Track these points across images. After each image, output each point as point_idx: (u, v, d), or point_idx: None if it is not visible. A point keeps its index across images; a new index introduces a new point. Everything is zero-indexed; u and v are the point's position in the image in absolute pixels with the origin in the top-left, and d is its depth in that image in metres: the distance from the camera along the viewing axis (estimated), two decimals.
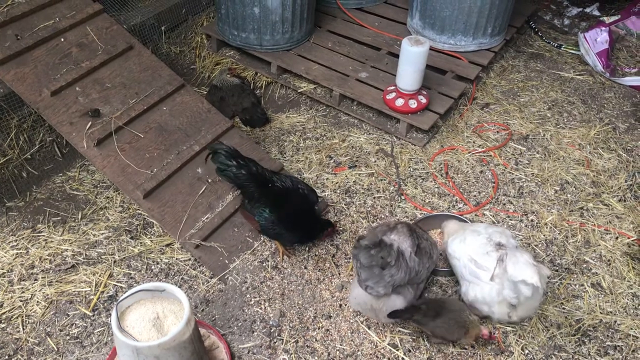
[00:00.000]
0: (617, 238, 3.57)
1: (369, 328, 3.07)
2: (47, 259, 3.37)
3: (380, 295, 2.76)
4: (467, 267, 2.96)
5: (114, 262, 3.38)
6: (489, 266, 2.87)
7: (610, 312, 3.18)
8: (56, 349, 2.95)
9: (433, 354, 2.96)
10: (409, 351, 2.97)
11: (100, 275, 3.29)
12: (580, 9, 5.77)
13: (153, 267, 3.36)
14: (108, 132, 3.46)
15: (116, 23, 4.00)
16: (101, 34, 3.86)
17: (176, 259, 3.40)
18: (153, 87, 3.78)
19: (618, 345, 3.03)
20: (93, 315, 3.11)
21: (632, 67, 5.09)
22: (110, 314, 3.06)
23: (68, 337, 3.01)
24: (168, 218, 3.36)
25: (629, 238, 3.56)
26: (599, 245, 3.54)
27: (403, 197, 3.82)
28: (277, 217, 3.20)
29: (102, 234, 3.53)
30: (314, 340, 3.02)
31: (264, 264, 3.37)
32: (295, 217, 3.26)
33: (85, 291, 3.21)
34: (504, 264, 2.80)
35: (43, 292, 3.19)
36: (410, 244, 2.80)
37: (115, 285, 3.26)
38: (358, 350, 2.97)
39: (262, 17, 4.58)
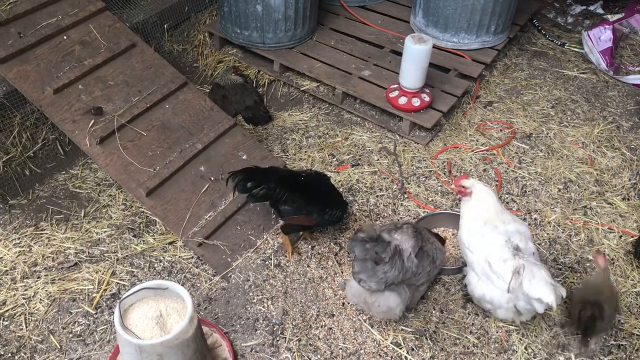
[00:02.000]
0: (620, 237, 3.56)
1: (371, 326, 3.06)
2: (49, 256, 3.37)
3: (373, 290, 2.75)
4: (481, 265, 2.88)
5: (117, 260, 3.37)
6: (503, 274, 2.78)
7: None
8: (59, 347, 2.95)
9: (436, 352, 2.96)
10: (412, 350, 2.97)
11: (103, 273, 3.29)
12: (584, 7, 5.75)
13: (156, 265, 3.36)
14: (111, 130, 3.46)
15: (119, 21, 4.00)
16: (104, 31, 3.86)
17: (179, 257, 3.40)
18: (156, 85, 3.78)
19: (622, 344, 3.02)
20: (96, 313, 3.11)
21: (636, 65, 5.07)
22: (113, 312, 3.06)
23: (71, 335, 3.01)
24: (171, 216, 3.36)
25: (632, 237, 3.55)
26: (603, 244, 3.52)
27: (406, 196, 3.81)
28: (324, 205, 3.29)
29: (105, 232, 3.53)
30: (317, 338, 3.02)
31: (267, 262, 3.37)
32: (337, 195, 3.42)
33: (88, 289, 3.21)
34: (520, 278, 2.73)
35: (46, 290, 3.19)
36: (412, 245, 2.79)
37: (118, 283, 3.26)
38: (361, 349, 2.97)
39: (264, 15, 4.57)
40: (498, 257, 2.84)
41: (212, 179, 3.55)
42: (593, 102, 4.68)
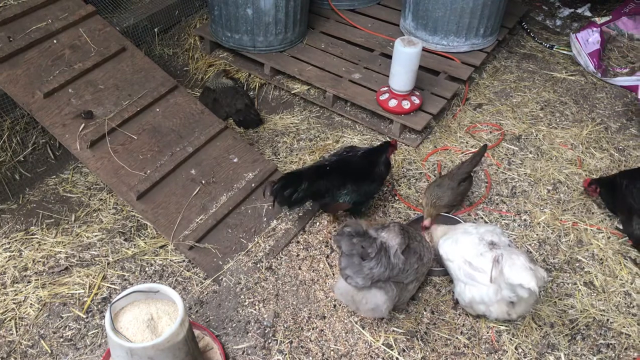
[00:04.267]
0: (609, 237, 3.59)
1: (363, 328, 3.07)
2: (40, 261, 3.36)
3: (359, 287, 2.75)
4: (462, 269, 2.95)
5: (108, 264, 3.37)
6: (484, 267, 2.86)
7: (603, 310, 3.20)
8: (50, 352, 2.94)
9: (427, 353, 2.97)
10: (404, 351, 2.98)
11: (94, 277, 3.28)
12: (572, 10, 5.81)
13: (147, 269, 3.36)
14: (101, 134, 3.46)
15: (109, 25, 3.99)
16: (94, 35, 3.86)
17: (170, 260, 3.40)
18: (146, 88, 3.78)
19: (611, 344, 3.04)
20: (87, 317, 3.10)
21: (624, 67, 5.12)
22: (104, 316, 3.06)
23: (62, 340, 3.00)
24: (162, 219, 3.36)
25: (620, 237, 3.58)
26: (592, 244, 3.55)
27: (397, 198, 3.83)
28: (354, 182, 3.41)
29: (96, 236, 3.53)
30: (309, 340, 3.02)
31: (258, 265, 3.37)
32: (364, 172, 3.47)
33: (79, 293, 3.21)
34: (500, 265, 2.79)
35: (36, 295, 3.18)
36: (398, 242, 2.80)
37: (109, 287, 3.25)
38: (352, 351, 2.98)
39: (255, 19, 4.59)
40: (475, 253, 2.92)
41: (203, 182, 3.56)
42: (581, 103, 4.72)
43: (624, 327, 3.11)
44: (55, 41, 3.73)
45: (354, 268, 2.72)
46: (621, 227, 3.62)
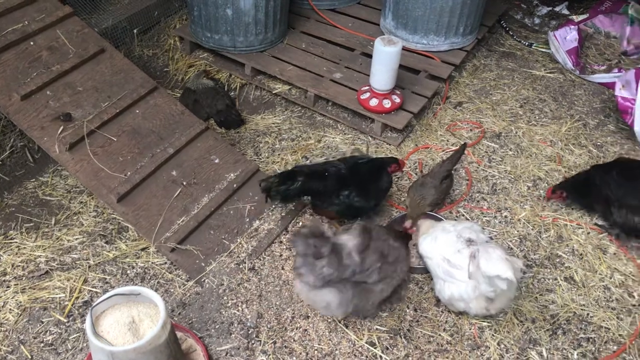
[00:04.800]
0: (588, 233, 3.64)
1: (346, 327, 3.08)
2: (19, 265, 3.32)
3: (311, 285, 2.74)
4: (441, 266, 2.98)
5: (89, 267, 3.34)
6: (462, 264, 2.89)
7: (583, 305, 3.23)
8: (30, 357, 2.91)
9: (410, 350, 2.99)
10: (387, 349, 2.99)
11: (74, 281, 3.25)
12: (550, 8, 5.87)
13: (129, 272, 3.34)
14: (80, 136, 3.42)
15: (87, 26, 3.96)
16: (72, 37, 3.82)
17: (152, 262, 3.38)
18: (126, 90, 3.75)
19: (591, 337, 3.08)
20: (68, 322, 3.07)
21: (601, 64, 5.19)
22: (85, 320, 3.02)
23: (42, 344, 2.97)
24: (143, 222, 3.34)
25: (600, 233, 3.62)
26: (572, 239, 3.59)
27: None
28: (347, 196, 3.42)
29: (77, 239, 3.49)
30: (292, 340, 3.02)
31: (241, 266, 3.36)
32: (364, 187, 3.47)
33: (60, 297, 3.17)
34: (477, 260, 2.82)
35: (16, 299, 3.14)
36: (356, 243, 2.79)
37: (91, 290, 3.22)
38: (336, 350, 2.98)
39: (235, 19, 4.57)
40: (453, 250, 2.94)
41: (184, 183, 3.54)
42: (560, 101, 4.77)
43: (603, 321, 3.15)
44: (32, 43, 3.68)
45: (308, 267, 2.71)
46: (600, 223, 3.67)
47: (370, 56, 4.30)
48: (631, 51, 5.32)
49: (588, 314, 3.19)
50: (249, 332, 3.05)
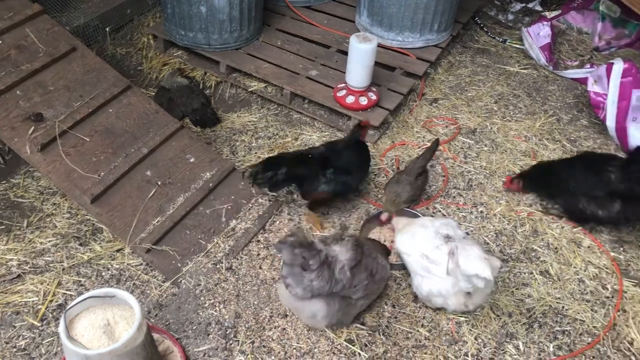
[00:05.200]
0: (562, 227, 3.68)
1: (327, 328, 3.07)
2: None
3: (299, 296, 2.71)
4: (419, 262, 2.99)
5: (63, 269, 3.28)
6: (440, 260, 2.90)
7: (559, 298, 3.27)
8: None
9: (389, 347, 2.99)
10: (365, 346, 2.99)
11: (48, 284, 3.19)
12: (524, 5, 5.93)
13: (104, 274, 3.29)
14: (52, 137, 3.36)
15: (58, 24, 3.89)
16: (42, 35, 3.75)
17: (127, 264, 3.33)
18: (98, 89, 3.69)
19: (566, 330, 3.12)
20: (41, 326, 3.01)
21: (574, 60, 5.25)
22: (59, 324, 2.97)
23: (15, 350, 2.91)
24: (117, 223, 3.29)
25: (574, 227, 3.67)
26: (547, 233, 3.63)
27: (356, 194, 3.84)
28: (335, 172, 3.48)
29: (50, 241, 3.43)
30: (271, 340, 3.01)
31: (218, 266, 3.33)
32: (347, 157, 3.56)
33: (33, 301, 3.11)
34: (455, 257, 2.84)
35: None
36: (348, 257, 2.76)
37: (65, 293, 3.17)
38: (315, 348, 2.97)
39: (209, 16, 4.53)
40: (431, 246, 2.95)
41: (159, 183, 3.50)
42: (534, 96, 4.82)
43: (578, 313, 3.20)
44: (0, 42, 3.61)
45: (295, 278, 2.66)
46: (544, 209, 3.78)
47: (345, 53, 4.29)
48: (603, 47, 5.40)
49: (563, 307, 3.23)
50: (227, 332, 3.03)
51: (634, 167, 3.37)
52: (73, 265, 3.31)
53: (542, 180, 3.78)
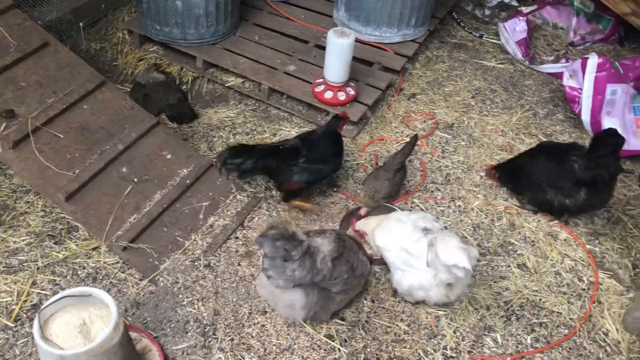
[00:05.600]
0: (539, 220, 3.72)
1: (304, 321, 3.06)
2: None
3: (281, 287, 2.72)
4: (399, 257, 2.99)
5: (37, 269, 3.22)
6: (420, 253, 2.91)
7: (536, 290, 3.31)
8: None
9: (368, 342, 3.00)
10: (345, 341, 2.99)
11: (22, 284, 3.13)
12: (500, 0, 5.96)
13: (79, 272, 3.24)
14: (25, 134, 3.29)
15: (29, 19, 3.81)
16: (13, 30, 3.66)
17: (104, 262, 3.28)
18: (72, 85, 3.62)
19: (543, 322, 3.16)
20: (15, 326, 2.95)
21: (549, 55, 5.30)
22: (34, 324, 2.92)
23: None
24: (93, 220, 3.24)
25: (550, 220, 3.71)
26: (523, 227, 3.67)
27: (335, 190, 3.83)
28: (306, 161, 3.47)
29: (23, 240, 3.36)
30: (250, 337, 2.99)
31: (196, 263, 3.30)
32: (318, 151, 3.55)
33: (7, 301, 3.05)
34: (435, 248, 2.85)
35: None
36: (330, 249, 2.77)
37: (40, 293, 3.11)
38: (294, 344, 2.97)
39: (185, 11, 4.48)
40: (411, 240, 2.96)
41: (136, 180, 3.45)
42: (511, 91, 4.86)
43: (555, 305, 3.23)
44: None
45: (277, 270, 2.66)
46: (521, 204, 3.82)
47: (323, 48, 4.28)
48: (577, 42, 5.47)
49: (540, 299, 3.26)
50: (206, 329, 3.00)
51: (600, 152, 3.37)
52: (48, 264, 3.26)
53: (510, 175, 3.83)
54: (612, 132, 3.43)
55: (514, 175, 3.78)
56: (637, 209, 3.85)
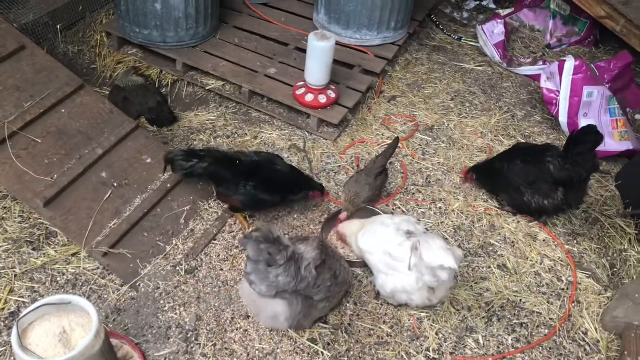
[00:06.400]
0: (519, 222, 3.76)
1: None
2: None
3: (263, 294, 2.70)
4: (383, 260, 3.00)
5: (15, 276, 3.17)
6: (404, 256, 2.91)
7: (516, 291, 3.34)
8: None
9: (351, 345, 3.00)
10: (328, 344, 2.99)
11: None
12: (478, 2, 6.03)
13: (59, 279, 3.19)
14: (1, 139, 3.24)
15: (5, 22, 3.75)
16: None
17: (83, 268, 3.24)
18: (50, 89, 3.57)
19: (524, 323, 3.19)
20: None
21: (527, 57, 5.37)
22: (12, 333, 2.87)
23: None
24: (72, 226, 3.20)
25: (530, 221, 3.75)
26: (503, 228, 3.71)
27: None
28: (254, 187, 3.37)
29: (0, 247, 3.30)
30: (233, 341, 2.98)
31: (177, 268, 3.28)
32: (272, 181, 3.44)
33: None
34: (419, 251, 2.85)
35: None
36: (314, 256, 2.76)
37: (18, 300, 3.06)
38: (277, 348, 2.96)
39: (164, 14, 4.45)
40: (394, 243, 2.96)
41: (115, 185, 3.42)
42: (489, 93, 4.91)
43: (535, 306, 3.27)
44: None
45: (260, 275, 2.65)
46: (500, 205, 3.86)
47: (304, 51, 4.28)
48: (554, 44, 5.54)
49: (521, 300, 3.30)
50: (188, 335, 2.98)
51: (578, 149, 3.40)
52: (26, 271, 3.21)
53: (486, 178, 3.87)
54: (591, 129, 3.44)
55: (491, 178, 3.82)
56: (614, 209, 3.91)
